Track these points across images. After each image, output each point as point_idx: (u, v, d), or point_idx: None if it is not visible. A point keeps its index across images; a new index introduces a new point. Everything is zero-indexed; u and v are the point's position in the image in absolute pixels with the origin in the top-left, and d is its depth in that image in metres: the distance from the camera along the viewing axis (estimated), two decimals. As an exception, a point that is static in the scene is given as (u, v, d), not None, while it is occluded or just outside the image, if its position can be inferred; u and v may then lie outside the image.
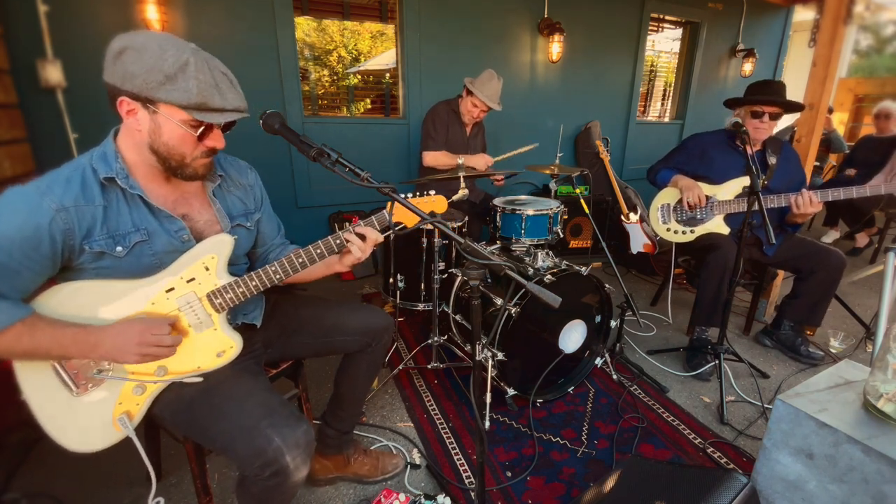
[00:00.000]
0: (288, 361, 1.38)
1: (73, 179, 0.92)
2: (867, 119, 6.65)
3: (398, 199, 1.01)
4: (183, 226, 1.04)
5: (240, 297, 1.07)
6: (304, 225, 3.20)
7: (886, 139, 3.82)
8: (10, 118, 2.12)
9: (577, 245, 3.64)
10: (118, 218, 0.96)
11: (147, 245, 0.99)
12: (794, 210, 2.00)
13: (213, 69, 0.91)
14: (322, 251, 1.11)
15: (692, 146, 2.31)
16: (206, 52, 0.93)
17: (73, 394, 0.98)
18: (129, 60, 0.87)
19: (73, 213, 0.90)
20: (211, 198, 1.11)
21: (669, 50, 4.73)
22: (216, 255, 1.05)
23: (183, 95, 0.88)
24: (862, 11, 6.46)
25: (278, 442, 0.93)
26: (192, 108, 0.90)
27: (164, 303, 1.02)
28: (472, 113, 2.58)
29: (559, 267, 1.85)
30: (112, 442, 1.02)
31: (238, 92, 0.96)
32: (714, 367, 2.07)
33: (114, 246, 0.95)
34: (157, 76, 0.86)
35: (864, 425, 1.08)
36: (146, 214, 0.99)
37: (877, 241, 3.84)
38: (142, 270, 1.00)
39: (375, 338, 1.36)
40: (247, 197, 1.20)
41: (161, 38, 0.88)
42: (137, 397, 1.03)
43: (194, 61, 0.88)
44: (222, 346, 1.07)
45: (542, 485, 1.50)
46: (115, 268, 0.97)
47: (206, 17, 2.61)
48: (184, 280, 1.03)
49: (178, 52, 0.87)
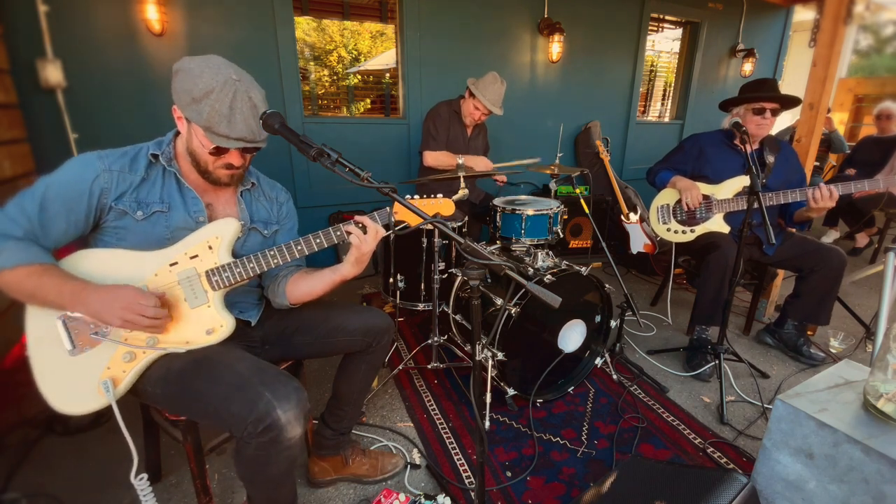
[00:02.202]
0: (288, 361, 1.38)
1: (128, 153, 1.10)
2: (867, 119, 6.65)
3: (398, 199, 1.00)
4: (202, 208, 1.16)
5: (236, 278, 1.14)
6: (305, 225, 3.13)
7: (887, 139, 3.82)
8: (10, 118, 2.12)
9: (577, 245, 3.64)
10: (150, 189, 1.11)
11: (164, 216, 1.11)
12: (811, 204, 1.97)
13: (237, 100, 1.03)
14: (321, 241, 1.18)
15: (690, 146, 2.32)
16: (247, 83, 1.06)
17: (69, 351, 1.04)
18: (178, 80, 1.04)
19: (115, 176, 1.06)
20: (238, 198, 1.24)
21: (669, 50, 4.73)
22: (220, 236, 1.14)
23: (196, 117, 1.03)
24: (862, 11, 6.45)
25: (269, 396, 0.96)
26: (204, 129, 1.04)
27: (167, 275, 1.10)
28: (473, 115, 2.58)
29: (559, 267, 1.85)
30: (94, 408, 1.05)
31: (253, 125, 1.06)
32: (714, 367, 2.07)
33: (136, 209, 1.08)
34: (187, 98, 1.03)
35: (864, 425, 1.08)
36: (174, 190, 1.13)
37: (877, 241, 3.84)
38: (153, 240, 1.10)
39: (376, 339, 1.36)
40: (271, 209, 1.32)
41: (208, 67, 1.03)
42: (125, 364, 1.07)
43: (219, 91, 1.02)
44: (213, 323, 1.12)
45: (542, 485, 1.50)
46: (130, 230, 1.09)
47: (206, 17, 2.61)
48: (187, 256, 1.12)
49: (210, 81, 1.01)
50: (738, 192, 2.13)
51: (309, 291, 1.26)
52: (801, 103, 2.11)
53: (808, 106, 2.31)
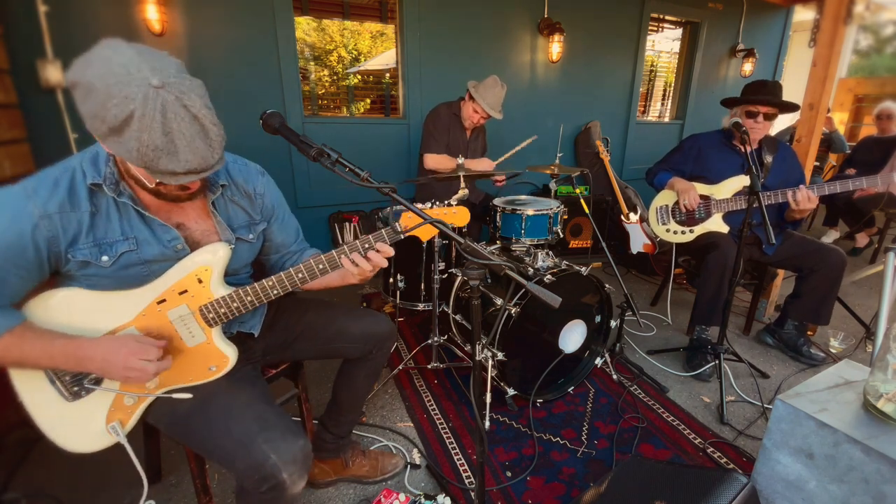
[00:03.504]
0: (288, 362, 1.38)
1: (61, 183, 0.87)
2: (867, 119, 6.65)
3: (399, 199, 1.00)
4: (177, 235, 0.98)
5: (234, 312, 1.03)
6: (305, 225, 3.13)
7: (887, 139, 3.82)
8: (10, 118, 2.12)
9: (577, 245, 3.64)
10: (107, 225, 0.91)
11: (135, 254, 0.94)
12: (792, 206, 2.00)
13: (171, 119, 0.76)
14: (325, 267, 1.05)
15: (689, 147, 2.33)
16: (177, 86, 0.76)
17: (65, 400, 0.97)
18: (79, 99, 0.77)
19: (56, 220, 0.86)
20: (211, 210, 1.05)
21: (669, 50, 4.73)
22: (210, 266, 1.00)
23: (126, 154, 0.78)
24: (862, 11, 6.46)
25: (274, 459, 0.93)
26: (141, 167, 0.81)
27: (156, 315, 0.98)
28: (472, 118, 2.57)
29: (559, 267, 1.85)
30: (106, 445, 1.02)
31: (207, 143, 0.81)
32: (714, 367, 2.07)
33: (99, 255, 0.91)
34: (101, 126, 0.76)
35: (864, 425, 1.08)
36: (137, 222, 0.94)
37: (877, 241, 3.84)
38: (131, 281, 0.96)
39: (377, 345, 1.35)
40: (252, 207, 1.12)
41: (113, 74, 0.73)
42: (129, 407, 1.02)
43: (141, 114, 0.73)
44: (215, 360, 1.04)
45: (542, 485, 1.50)
46: (102, 276, 0.93)
47: (205, 17, 2.61)
48: (175, 292, 0.98)
49: (123, 101, 0.73)
50: (736, 191, 2.13)
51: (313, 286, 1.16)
52: (798, 109, 2.11)
53: (808, 106, 2.31)
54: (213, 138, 0.82)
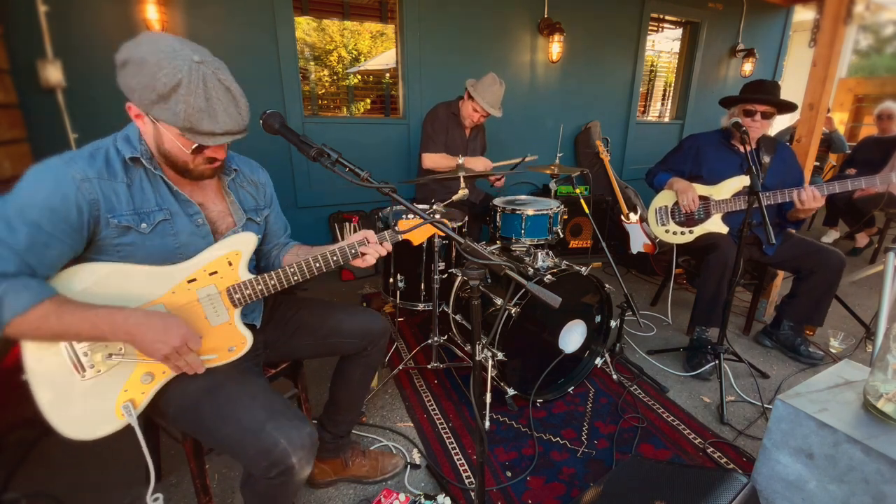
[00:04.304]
0: (287, 362, 1.38)
1: (97, 156, 0.95)
2: (867, 119, 6.65)
3: (399, 199, 1.00)
4: (199, 210, 1.07)
5: (257, 294, 1.10)
6: (305, 224, 3.21)
7: (888, 139, 3.82)
8: (10, 118, 2.12)
9: (577, 245, 3.64)
10: (142, 196, 0.99)
11: (169, 225, 1.02)
12: (797, 205, 1.99)
13: (211, 87, 0.90)
14: (339, 258, 1.16)
15: (688, 147, 2.33)
16: (212, 63, 0.92)
17: (79, 377, 0.96)
18: (129, 74, 0.89)
19: (96, 184, 0.92)
20: (226, 190, 1.16)
21: (669, 50, 4.73)
22: (241, 251, 1.09)
23: (171, 118, 0.89)
24: (862, 11, 6.46)
25: (284, 444, 0.95)
26: (181, 129, 0.91)
27: (185, 292, 1.04)
28: (472, 117, 2.57)
29: (559, 267, 1.85)
30: (110, 431, 1.00)
31: (238, 110, 0.95)
32: (714, 367, 2.06)
33: (139, 222, 0.98)
34: (151, 94, 0.88)
35: (864, 425, 1.08)
36: (167, 196, 1.03)
37: (877, 241, 3.84)
38: (163, 252, 1.02)
39: (373, 341, 1.37)
40: (258, 193, 1.24)
41: (162, 51, 0.87)
42: (144, 386, 1.02)
43: (187, 81, 0.87)
44: (235, 340, 1.09)
45: (542, 485, 1.50)
46: (138, 246, 0.99)
47: (205, 16, 2.61)
48: (206, 273, 1.06)
49: (172, 71, 0.86)
50: (736, 192, 2.13)
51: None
52: (796, 108, 2.11)
53: (808, 106, 2.31)
54: (242, 107, 0.97)
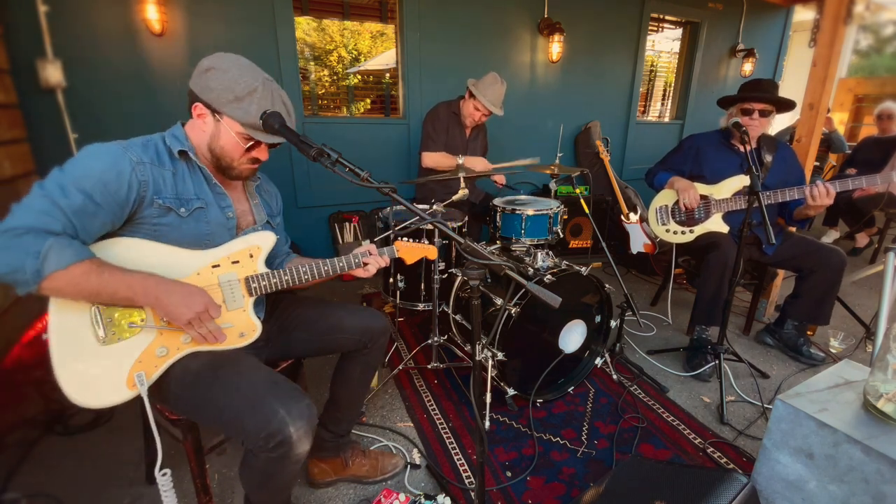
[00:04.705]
0: (288, 360, 1.38)
1: (149, 146, 1.07)
2: (867, 119, 6.64)
3: (399, 199, 1.00)
4: (230, 203, 1.18)
5: (272, 286, 1.19)
6: (305, 225, 3.21)
7: (888, 139, 3.82)
8: (10, 118, 2.12)
9: (577, 245, 3.64)
10: (184, 184, 1.10)
11: (204, 212, 1.12)
12: (808, 202, 1.97)
13: (275, 99, 1.08)
14: (345, 265, 1.28)
15: (688, 147, 2.33)
16: (275, 84, 1.10)
17: (99, 341, 1.00)
18: (213, 77, 1.05)
19: (148, 168, 1.03)
20: (251, 193, 1.29)
21: (669, 50, 4.73)
22: (262, 246, 1.20)
23: (244, 115, 1.06)
24: (862, 11, 6.45)
25: (283, 413, 0.97)
26: (248, 126, 1.07)
27: (209, 276, 1.12)
28: (473, 116, 2.57)
29: (559, 267, 1.85)
30: (117, 401, 1.01)
31: (290, 121, 1.10)
32: (714, 367, 2.07)
33: (179, 206, 1.07)
34: (229, 95, 1.04)
35: (864, 425, 1.08)
36: (205, 187, 1.14)
37: (877, 241, 3.84)
38: (195, 237, 1.10)
39: (373, 339, 1.38)
40: (272, 201, 1.38)
41: (242, 66, 1.07)
42: (158, 359, 1.06)
43: (262, 90, 1.06)
44: (247, 327, 1.17)
45: (542, 485, 1.50)
46: (174, 227, 1.07)
47: (206, 17, 2.61)
48: (230, 261, 1.15)
49: (251, 80, 1.05)
50: (736, 191, 2.13)
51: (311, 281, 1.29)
52: (794, 105, 2.11)
53: (808, 106, 2.31)
54: (292, 120, 1.13)
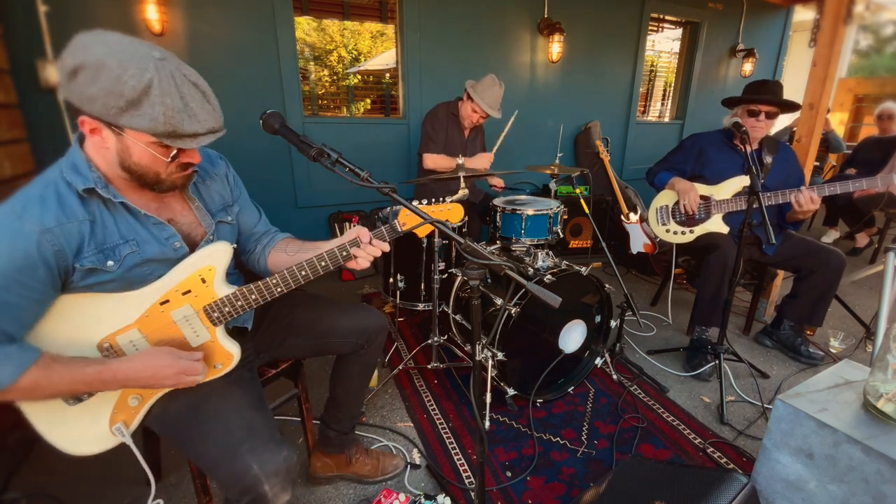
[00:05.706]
0: (287, 361, 1.38)
1: (48, 197, 0.85)
2: (867, 119, 6.64)
3: (399, 199, 1.00)
4: (173, 232, 0.99)
5: (238, 311, 1.03)
6: (304, 225, 3.20)
7: (888, 139, 3.82)
8: (10, 118, 2.12)
9: (577, 245, 3.64)
10: (104, 231, 0.90)
11: (138, 255, 0.94)
12: (794, 207, 2.00)
13: (181, 85, 0.82)
14: (327, 264, 1.07)
15: (689, 146, 2.33)
16: (173, 60, 0.84)
17: (68, 403, 0.95)
18: (86, 81, 0.77)
19: (58, 232, 0.83)
20: (189, 196, 1.05)
21: (669, 50, 4.73)
22: (213, 265, 1.00)
23: (149, 124, 0.80)
24: (862, 11, 6.46)
25: (256, 469, 0.90)
26: (161, 135, 0.83)
27: (158, 316, 0.97)
28: (471, 118, 2.57)
29: (559, 267, 1.85)
30: (108, 447, 1.01)
31: (212, 106, 0.88)
32: (714, 367, 2.06)
33: (104, 260, 0.90)
34: (118, 101, 0.78)
35: (864, 425, 1.08)
36: (132, 223, 0.94)
37: (877, 241, 3.84)
38: (135, 282, 0.96)
39: (369, 339, 1.34)
40: (223, 188, 1.14)
41: (119, 52, 0.78)
42: (133, 408, 1.00)
43: (158, 81, 0.79)
44: (220, 357, 1.04)
45: (542, 485, 1.50)
46: (107, 282, 0.92)
47: (205, 16, 2.61)
48: (179, 293, 0.98)
49: (139, 72, 0.77)
50: (737, 192, 2.13)
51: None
52: (799, 108, 2.11)
53: (808, 106, 2.31)
54: (213, 102, 0.89)
